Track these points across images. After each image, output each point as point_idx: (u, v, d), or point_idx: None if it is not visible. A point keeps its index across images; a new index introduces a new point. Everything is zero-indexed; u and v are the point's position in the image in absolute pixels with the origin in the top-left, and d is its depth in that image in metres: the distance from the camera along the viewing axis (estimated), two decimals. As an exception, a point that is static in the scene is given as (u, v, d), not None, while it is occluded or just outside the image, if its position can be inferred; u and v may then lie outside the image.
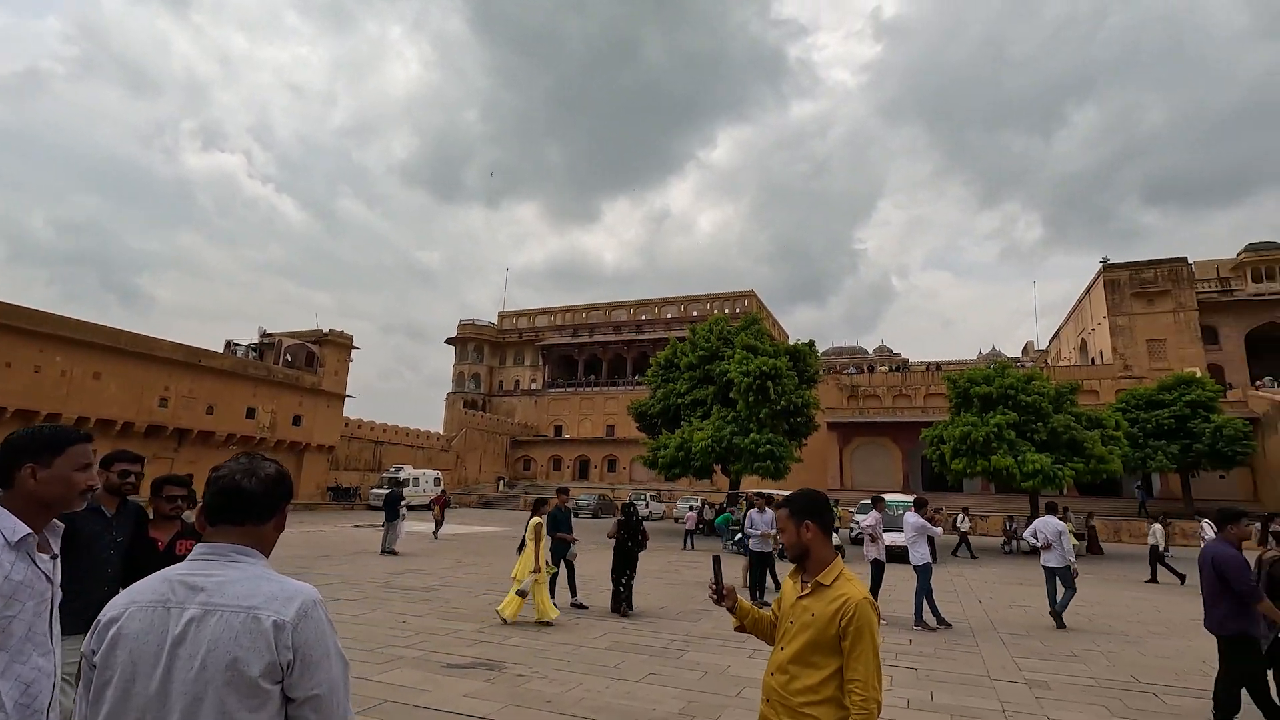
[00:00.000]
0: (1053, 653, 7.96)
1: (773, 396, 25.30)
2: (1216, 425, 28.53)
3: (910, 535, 9.67)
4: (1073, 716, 5.53)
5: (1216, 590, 5.12)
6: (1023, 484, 22.94)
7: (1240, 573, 5.00)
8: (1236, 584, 4.97)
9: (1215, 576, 5.12)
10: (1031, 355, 64.99)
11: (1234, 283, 45.73)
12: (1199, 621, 10.46)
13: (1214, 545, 5.27)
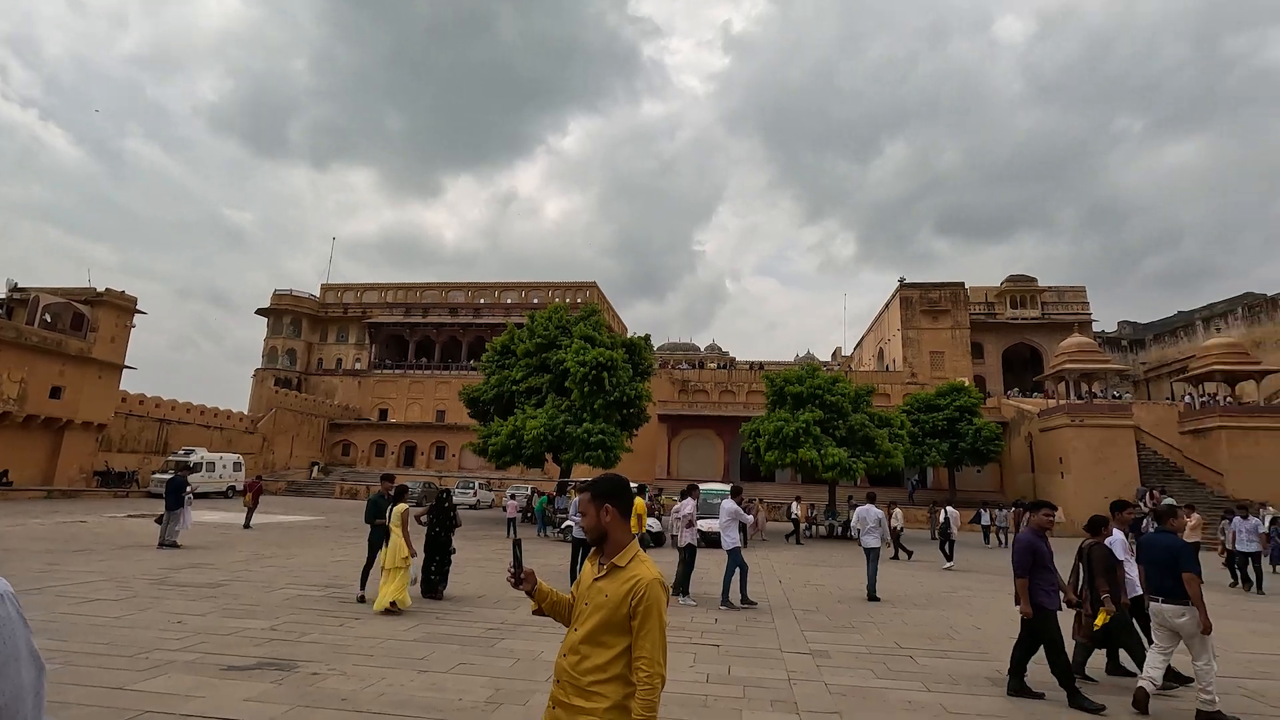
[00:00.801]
0: (835, 626, 8.89)
1: (607, 387, 25.76)
2: (977, 427, 33.54)
3: (724, 521, 10.32)
4: (846, 680, 6.20)
5: (1022, 567, 5.95)
6: (824, 474, 25.46)
7: (1021, 555, 5.95)
8: (1019, 563, 5.93)
9: (1025, 556, 5.97)
10: (839, 360, 72.18)
11: (997, 307, 54.00)
12: (952, 594, 12.25)
13: (1022, 533, 6.21)
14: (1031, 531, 6.17)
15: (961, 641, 8.20)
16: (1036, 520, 6.26)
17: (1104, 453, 31.97)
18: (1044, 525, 6.24)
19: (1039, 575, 5.94)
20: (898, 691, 5.89)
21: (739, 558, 10.09)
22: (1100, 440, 32.17)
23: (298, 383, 59.80)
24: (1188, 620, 5.50)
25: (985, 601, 11.52)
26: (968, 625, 9.32)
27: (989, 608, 10.88)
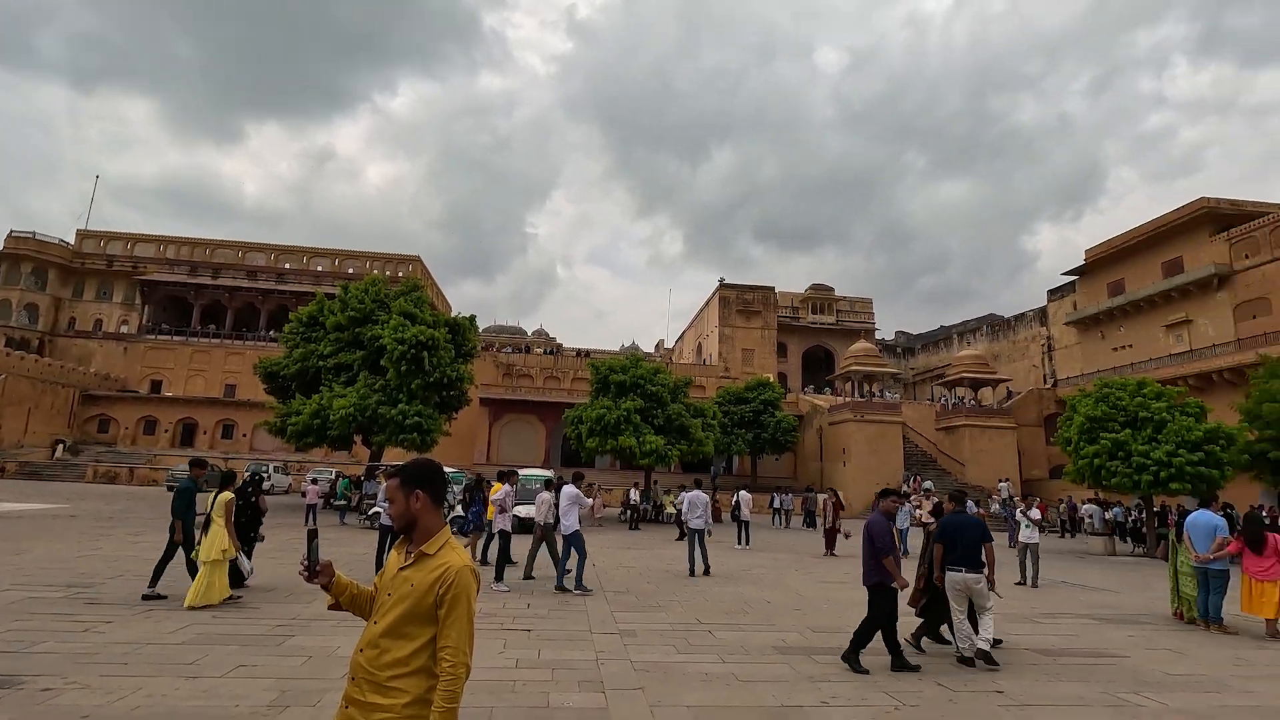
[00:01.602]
0: (644, 605, 9.29)
1: (427, 367, 24.57)
2: (778, 420, 36.78)
3: (564, 505, 10.30)
4: (650, 657, 6.50)
5: (868, 550, 6.54)
6: (641, 461, 26.47)
7: (883, 537, 6.49)
8: (878, 543, 6.45)
9: (867, 539, 6.57)
10: (661, 352, 75.27)
11: (800, 312, 59.53)
12: (747, 571, 13.31)
13: (871, 516, 6.82)
14: (882, 515, 6.81)
15: (754, 615, 8.95)
16: (885, 506, 6.91)
17: (878, 444, 36.60)
18: (891, 510, 6.92)
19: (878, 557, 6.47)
20: (696, 665, 6.29)
21: (581, 542, 10.14)
22: (876, 434, 36.77)
23: (39, 344, 50.08)
24: (984, 584, 6.71)
25: (776, 577, 12.69)
26: (759, 599, 10.20)
27: (778, 583, 12.00)
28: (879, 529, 6.55)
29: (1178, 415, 20.67)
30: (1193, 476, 19.42)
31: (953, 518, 7.08)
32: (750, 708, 5.12)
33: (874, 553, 6.48)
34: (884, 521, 6.68)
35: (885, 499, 7.02)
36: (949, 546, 6.92)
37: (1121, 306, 41.18)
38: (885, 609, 6.40)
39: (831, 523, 17.26)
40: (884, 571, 6.42)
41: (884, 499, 7.03)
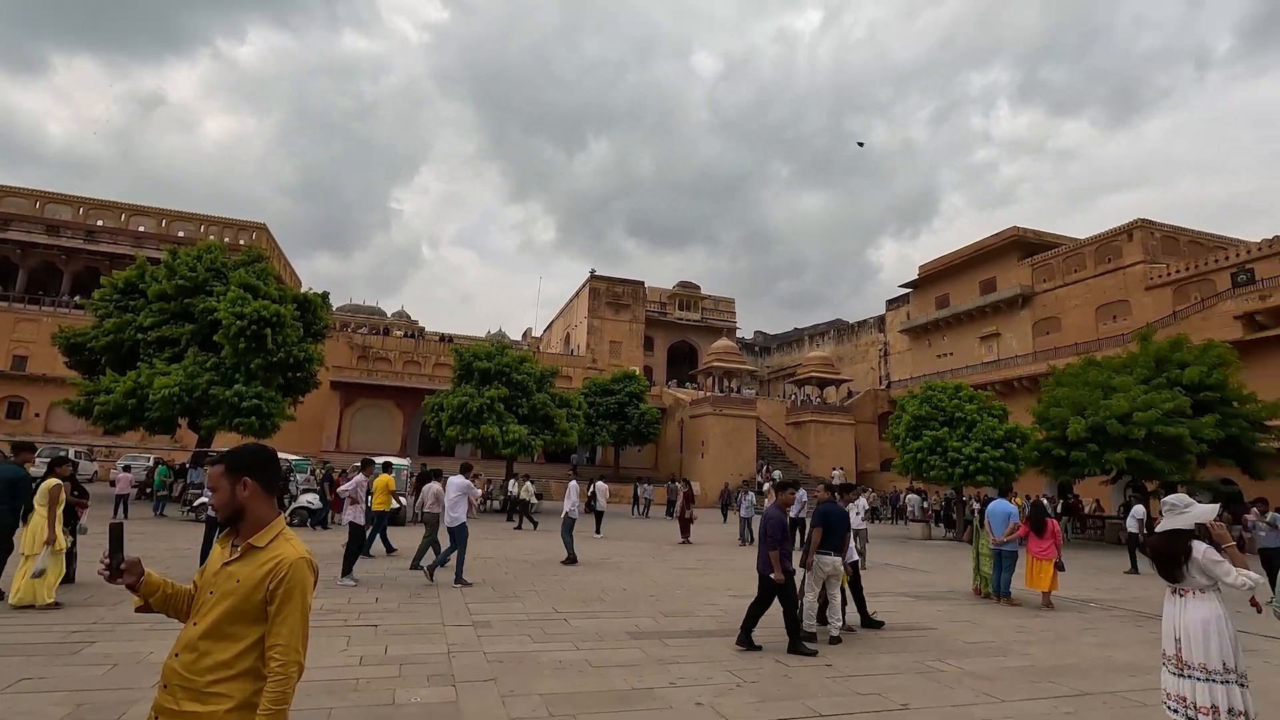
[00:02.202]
0: (500, 596, 9.16)
1: (270, 346, 22.57)
2: (642, 412, 37.61)
3: (453, 496, 9.91)
4: (505, 647, 6.43)
5: (763, 539, 6.84)
6: (503, 450, 26.02)
7: (775, 528, 6.80)
8: (770, 535, 6.76)
9: (762, 530, 6.87)
10: (529, 340, 74.33)
11: (668, 308, 61.17)
12: (606, 560, 13.51)
13: (768, 508, 7.12)
14: (777, 508, 7.07)
15: (610, 602, 9.12)
16: (783, 499, 7.18)
17: (734, 437, 38.51)
18: (787, 503, 7.24)
19: (783, 546, 6.82)
20: (550, 653, 6.31)
21: (465, 536, 9.85)
22: (732, 427, 38.64)
23: None
24: (834, 565, 7.41)
25: (633, 565, 13.01)
26: (616, 587, 10.40)
27: (636, 570, 12.31)
28: (774, 522, 6.84)
29: (985, 416, 23.54)
30: (994, 470, 22.22)
31: (828, 506, 7.57)
32: (601, 692, 5.22)
33: (766, 542, 6.78)
34: (779, 514, 6.94)
35: (782, 492, 7.27)
36: (826, 532, 7.38)
37: (945, 318, 46.21)
38: (785, 594, 6.77)
39: (683, 512, 17.93)
40: (784, 559, 6.77)
41: (781, 492, 7.28)
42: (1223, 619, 3.94)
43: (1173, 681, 4.08)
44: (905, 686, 5.78)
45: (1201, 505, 4.23)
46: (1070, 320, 38.07)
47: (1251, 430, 21.89)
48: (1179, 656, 4.06)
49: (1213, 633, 3.93)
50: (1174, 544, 4.14)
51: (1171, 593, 4.20)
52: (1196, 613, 4.01)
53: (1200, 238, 36.95)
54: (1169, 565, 4.16)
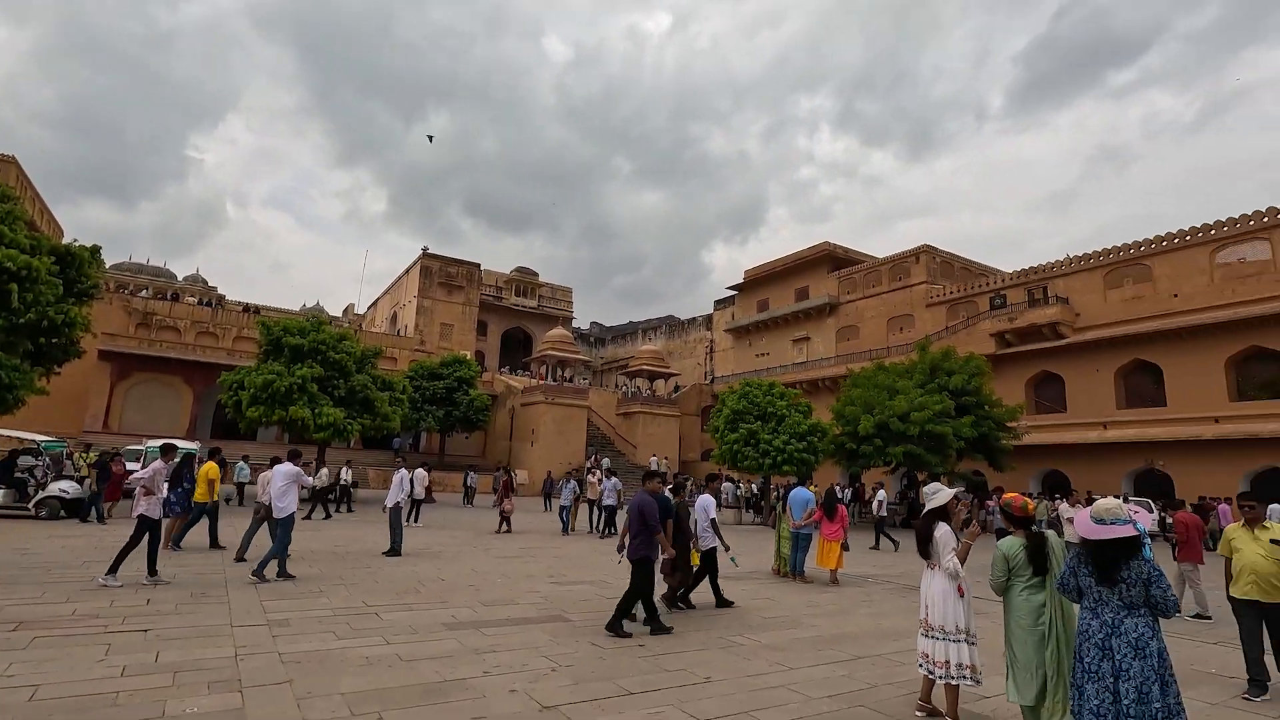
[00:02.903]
0: (301, 591, 8.46)
1: (16, 304, 18.80)
2: (472, 398, 36.52)
3: (280, 484, 9.13)
4: (304, 646, 5.95)
5: (636, 527, 7.11)
6: (316, 435, 23.94)
7: (653, 515, 7.10)
8: (649, 521, 7.04)
9: (638, 516, 7.09)
10: (350, 317, 69.07)
11: (504, 293, 59.96)
12: (425, 550, 12.98)
13: (639, 494, 7.38)
14: (649, 494, 7.38)
15: (427, 594, 8.80)
16: (651, 487, 7.57)
17: (565, 426, 38.72)
18: (657, 491, 7.60)
19: (647, 532, 7.08)
20: (357, 649, 5.96)
21: (292, 526, 9.14)
22: (564, 416, 38.84)
23: None
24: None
25: (453, 554, 12.64)
26: (434, 578, 10.05)
27: (456, 560, 11.98)
28: (649, 508, 7.14)
29: (793, 412, 25.85)
30: (798, 460, 24.49)
31: (639, 496, 7.81)
32: (410, 686, 5.03)
33: (644, 529, 7.07)
34: (652, 501, 7.26)
35: (650, 480, 7.70)
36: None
37: (765, 321, 49.96)
38: (648, 579, 7.09)
39: (501, 500, 17.71)
40: (651, 546, 7.11)
41: (649, 480, 7.70)
42: (956, 589, 4.72)
43: (923, 642, 4.82)
44: (709, 661, 6.21)
45: (945, 491, 5.05)
46: (867, 329, 42.90)
47: (997, 430, 26.14)
48: (926, 621, 4.81)
49: (950, 600, 4.70)
50: (926, 525, 4.90)
51: (926, 567, 4.95)
52: (939, 584, 4.77)
53: (970, 265, 43.35)
54: (924, 544, 4.90)
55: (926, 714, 4.84)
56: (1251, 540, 6.02)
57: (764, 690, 5.41)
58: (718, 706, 4.95)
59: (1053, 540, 4.33)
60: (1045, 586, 4.23)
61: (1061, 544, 4.35)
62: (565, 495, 18.95)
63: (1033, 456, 30.78)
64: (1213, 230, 28.40)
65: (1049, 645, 4.14)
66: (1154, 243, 30.20)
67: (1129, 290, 30.65)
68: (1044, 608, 4.20)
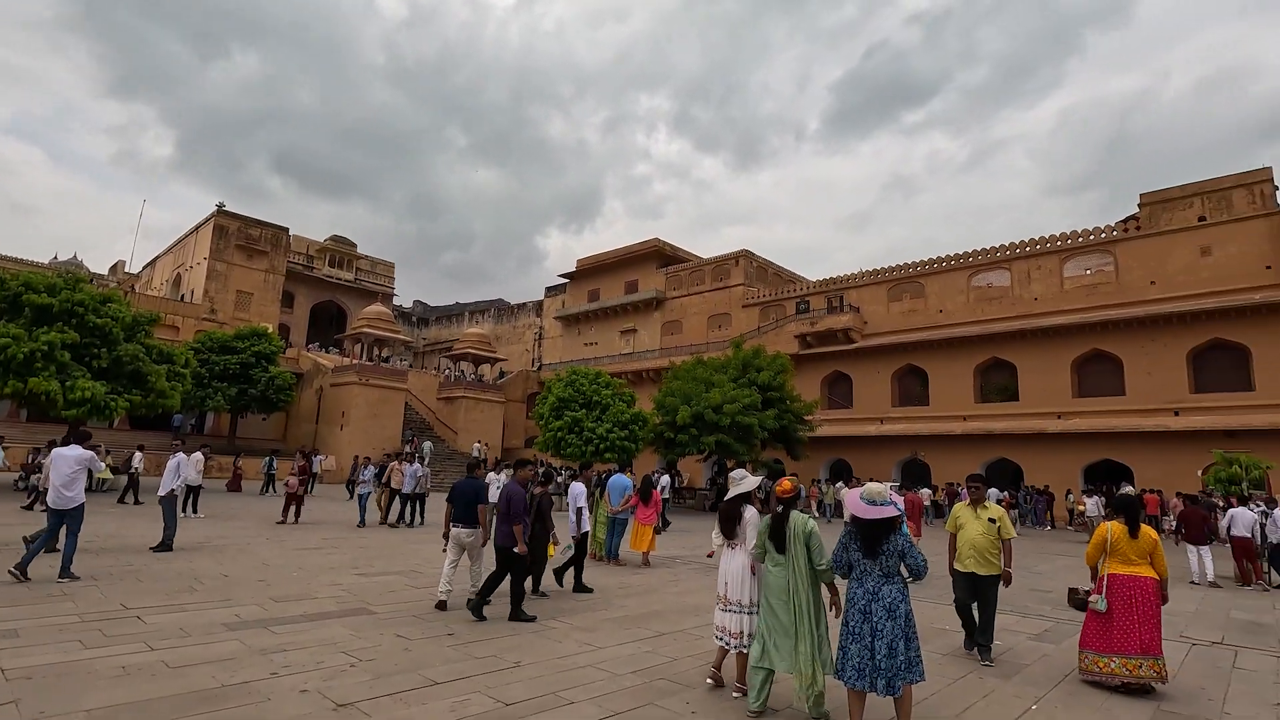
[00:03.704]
0: (38, 596, 7.18)
1: None
2: (272, 376, 33.06)
3: (68, 472, 8.07)
4: (40, 659, 5.07)
5: (504, 514, 7.17)
6: (65, 412, 20.26)
7: (520, 504, 7.26)
8: (513, 509, 7.15)
9: (505, 503, 7.19)
10: (120, 276, 59.20)
11: (316, 262, 54.84)
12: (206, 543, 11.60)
13: (508, 484, 7.48)
14: (517, 484, 7.46)
15: (205, 592, 7.87)
16: (522, 476, 7.63)
17: (380, 409, 36.46)
18: (526, 479, 7.68)
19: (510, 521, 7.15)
20: (110, 659, 5.19)
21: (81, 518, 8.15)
22: (379, 398, 36.55)
23: None
24: (475, 538, 7.77)
25: (241, 547, 11.42)
26: (215, 574, 9.02)
27: (244, 553, 10.83)
28: (517, 496, 7.26)
29: (617, 401, 26.56)
30: (620, 448, 25.23)
31: (460, 483, 8.00)
32: (180, 695, 4.48)
33: (508, 517, 7.16)
34: (521, 490, 7.38)
35: (520, 469, 7.76)
36: (456, 507, 7.83)
37: (595, 311, 50.70)
38: (518, 565, 7.27)
39: (297, 487, 16.24)
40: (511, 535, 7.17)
41: (519, 470, 7.76)
42: (750, 566, 5.19)
43: (720, 616, 5.23)
44: (521, 646, 6.23)
45: (751, 477, 5.52)
46: (690, 325, 45.22)
47: (796, 423, 28.87)
48: (725, 596, 5.23)
49: (746, 576, 5.16)
50: (734, 508, 5.31)
51: (727, 547, 5.36)
52: (739, 561, 5.20)
53: (782, 271, 47.32)
54: (730, 524, 5.30)
55: (715, 682, 5.25)
56: (974, 518, 6.57)
57: (572, 671, 5.55)
58: (525, 690, 4.99)
59: (795, 519, 4.76)
60: (787, 562, 4.72)
61: (803, 520, 4.77)
62: (363, 483, 17.06)
63: (824, 447, 34.43)
64: (969, 258, 33.60)
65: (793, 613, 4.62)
66: (927, 265, 35.06)
67: (906, 304, 35.31)
68: (788, 580, 4.69)
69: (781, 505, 4.87)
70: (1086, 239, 30.38)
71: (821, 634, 4.58)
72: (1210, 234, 27.17)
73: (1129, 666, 5.61)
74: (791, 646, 4.55)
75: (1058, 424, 28.79)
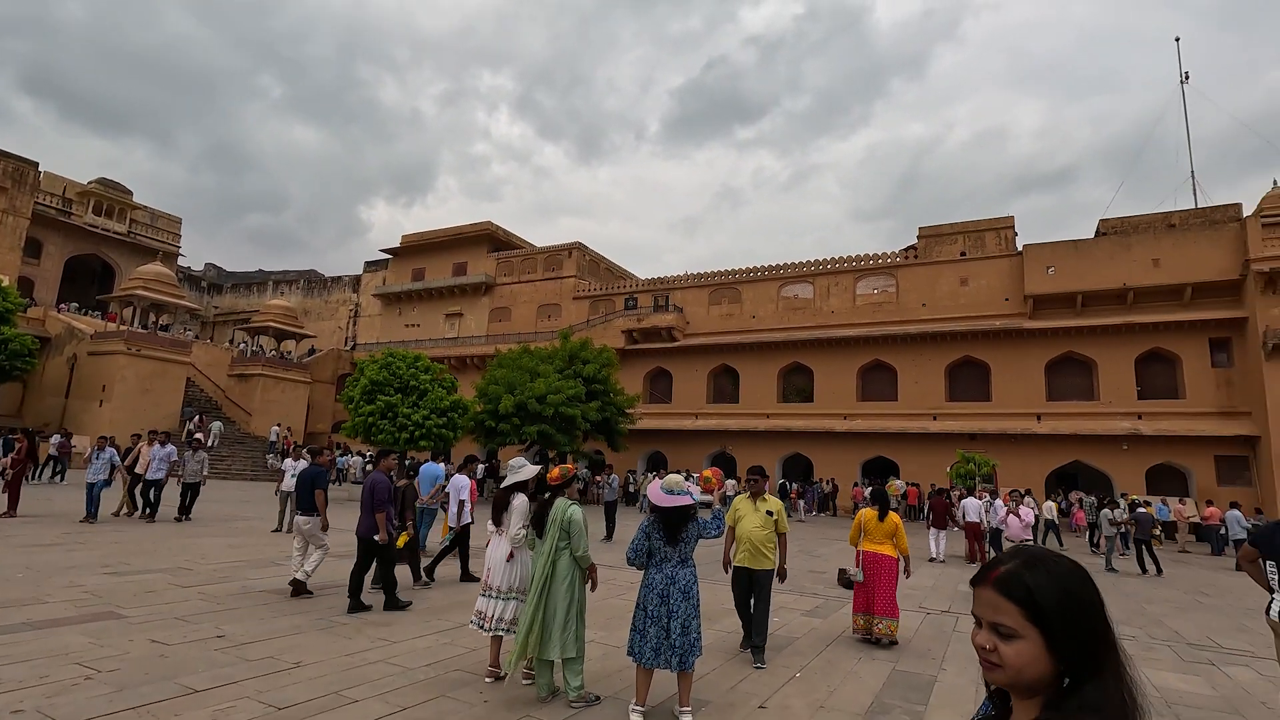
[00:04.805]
0: None
1: None
2: (7, 338, 27.48)
3: None
4: None
5: (368, 504, 7.21)
6: None
7: (384, 492, 7.28)
8: (378, 498, 7.20)
9: (368, 493, 7.26)
10: None
11: (76, 207, 46.29)
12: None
13: (373, 474, 7.49)
14: (382, 473, 7.54)
15: (-116, 600, 6.38)
16: (386, 464, 7.75)
17: (154, 384, 31.80)
18: (390, 468, 7.78)
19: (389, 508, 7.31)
20: None
21: None
22: (153, 372, 31.86)
23: None
24: (313, 525, 7.81)
25: None
26: (-96, 578, 7.34)
27: None
28: (381, 485, 7.28)
29: (436, 387, 25.52)
30: (437, 436, 24.27)
31: (306, 469, 8.13)
32: None
33: (371, 507, 7.19)
34: (385, 479, 7.41)
35: (388, 458, 7.92)
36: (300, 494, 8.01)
37: (419, 291, 48.20)
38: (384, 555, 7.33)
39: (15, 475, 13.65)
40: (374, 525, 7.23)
41: (384, 459, 7.89)
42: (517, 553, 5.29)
43: (481, 601, 5.32)
44: (303, 645, 5.80)
45: (530, 466, 5.59)
46: (519, 313, 44.56)
47: (618, 415, 29.67)
48: (486, 581, 5.33)
49: (514, 563, 5.26)
50: (506, 496, 5.39)
51: (496, 533, 5.41)
52: (503, 548, 5.31)
53: (614, 267, 48.26)
54: (500, 512, 5.39)
55: (494, 678, 5.18)
56: (753, 511, 6.35)
57: (361, 668, 5.28)
58: (304, 691, 4.66)
59: (558, 506, 4.84)
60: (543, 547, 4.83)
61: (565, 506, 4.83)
62: (97, 467, 13.59)
63: (644, 439, 35.75)
64: (781, 271, 36.69)
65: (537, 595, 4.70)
66: (744, 273, 37.70)
67: (725, 308, 37.70)
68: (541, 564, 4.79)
69: (548, 492, 5.05)
70: (876, 262, 34.48)
71: (570, 618, 4.65)
72: (968, 267, 32.11)
73: (873, 624, 6.95)
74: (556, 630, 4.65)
75: (844, 424, 32.40)
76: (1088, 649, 1.02)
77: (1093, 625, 1.03)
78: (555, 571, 4.74)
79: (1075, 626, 1.02)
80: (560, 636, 4.60)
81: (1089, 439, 27.53)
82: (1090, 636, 1.02)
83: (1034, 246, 30.29)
